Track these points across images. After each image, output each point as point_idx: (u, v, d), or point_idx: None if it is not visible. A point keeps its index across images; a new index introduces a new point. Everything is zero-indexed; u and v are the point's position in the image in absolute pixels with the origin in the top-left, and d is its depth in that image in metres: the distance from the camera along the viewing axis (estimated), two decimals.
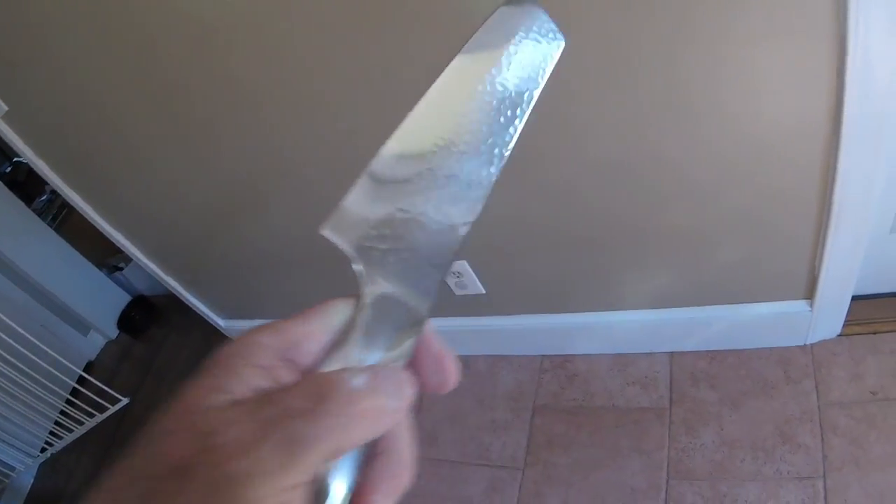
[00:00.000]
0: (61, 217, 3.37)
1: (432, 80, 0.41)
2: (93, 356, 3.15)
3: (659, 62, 1.24)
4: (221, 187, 1.90)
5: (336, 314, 0.37)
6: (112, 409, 2.71)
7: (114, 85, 1.63)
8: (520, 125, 0.41)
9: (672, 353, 1.96)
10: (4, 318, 2.30)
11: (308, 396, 0.30)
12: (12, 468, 2.65)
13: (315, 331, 0.36)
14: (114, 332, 3.23)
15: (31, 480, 2.80)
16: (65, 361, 2.56)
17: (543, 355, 2.12)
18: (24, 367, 2.42)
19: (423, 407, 2.12)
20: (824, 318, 1.73)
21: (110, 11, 1.46)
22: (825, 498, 1.58)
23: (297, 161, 1.71)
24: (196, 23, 1.42)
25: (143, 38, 1.49)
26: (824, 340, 1.81)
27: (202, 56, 1.49)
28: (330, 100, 1.51)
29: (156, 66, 1.55)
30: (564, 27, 0.41)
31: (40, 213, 3.26)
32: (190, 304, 2.49)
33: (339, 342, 0.36)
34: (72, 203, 2.08)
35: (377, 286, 0.37)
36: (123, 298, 3.26)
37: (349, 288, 0.38)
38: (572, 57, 1.25)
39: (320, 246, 0.39)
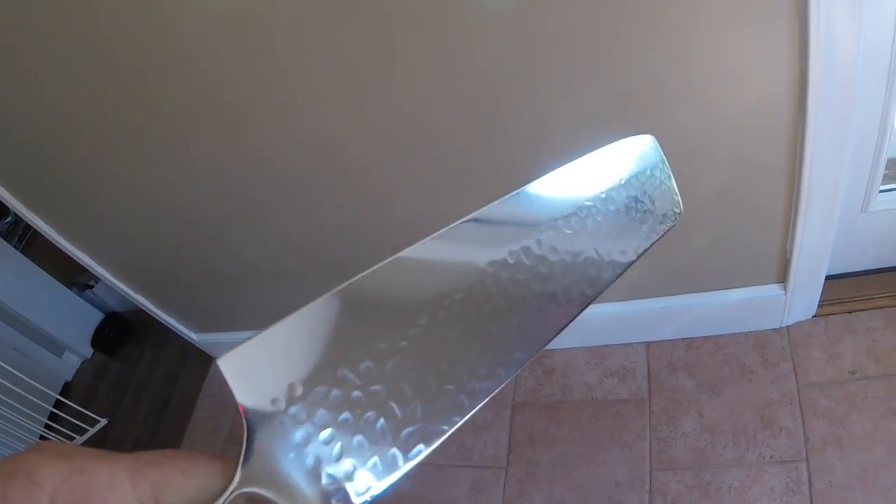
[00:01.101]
0: (27, 238, 3.33)
1: (420, 82, 0.38)
2: (69, 377, 3.10)
3: (627, 52, 1.23)
4: (191, 200, 1.87)
5: (181, 487, 0.28)
6: (92, 431, 2.66)
7: (75, 97, 1.59)
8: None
9: (648, 343, 1.95)
10: None
11: None
12: None
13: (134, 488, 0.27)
14: (88, 352, 3.18)
15: None
16: (40, 386, 2.51)
17: None
18: (0, 395, 2.38)
19: None
20: (799, 299, 1.72)
21: (70, 20, 1.41)
22: (809, 480, 1.58)
23: (272, 173, 1.68)
24: (162, 26, 1.38)
25: (106, 46, 1.45)
26: (800, 322, 1.81)
27: (170, 64, 1.45)
28: (309, 111, 1.49)
29: (121, 77, 1.51)
30: (529, 20, 0.39)
31: (5, 236, 3.22)
32: (161, 320, 2.46)
33: None
34: (33, 225, 2.04)
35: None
36: (96, 316, 3.21)
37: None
38: (540, 48, 1.24)
39: (294, 257, 0.36)
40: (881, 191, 1.59)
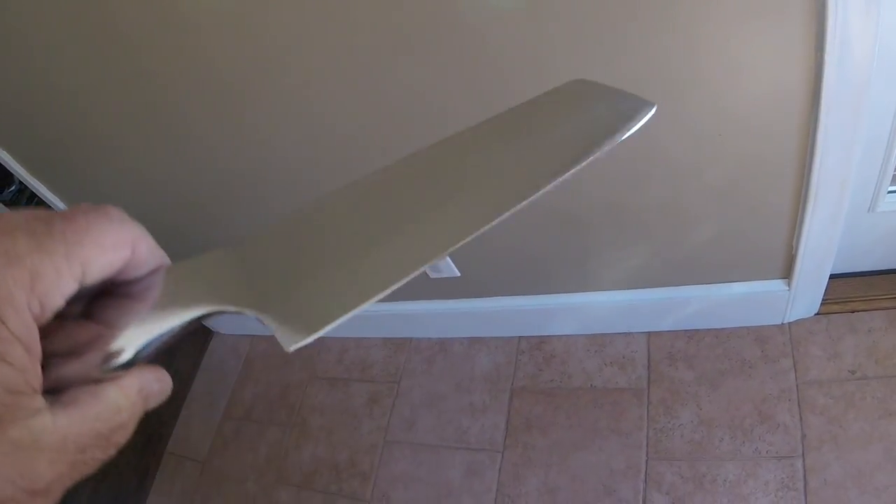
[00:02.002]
0: (32, 207, 3.32)
1: (417, 67, 0.40)
2: None
3: (641, 38, 1.22)
4: (197, 178, 1.87)
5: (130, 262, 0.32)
6: None
7: (83, 72, 1.59)
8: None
9: (649, 333, 1.95)
10: None
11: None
12: None
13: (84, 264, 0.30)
14: None
15: None
16: None
17: (520, 337, 2.11)
18: None
19: None
20: (802, 297, 1.72)
21: None
22: (804, 477, 1.58)
23: (276, 150, 1.68)
24: (170, 6, 1.38)
25: (112, 23, 1.45)
26: (802, 319, 1.81)
27: (175, 41, 1.45)
28: (312, 88, 1.48)
29: (128, 52, 1.50)
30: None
31: (9, 205, 3.21)
32: None
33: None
34: (39, 195, 2.04)
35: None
36: None
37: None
38: (548, 33, 1.23)
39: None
40: (889, 192, 1.59)
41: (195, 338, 2.74)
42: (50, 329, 0.29)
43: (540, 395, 1.96)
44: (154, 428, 2.53)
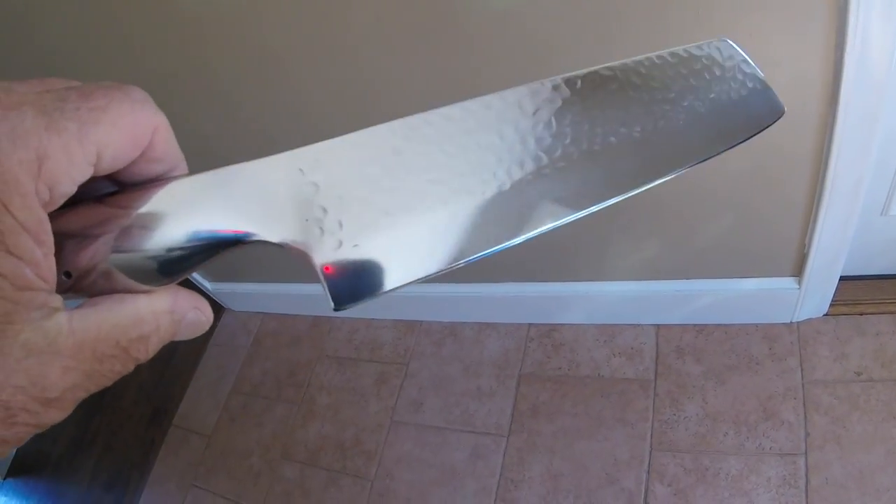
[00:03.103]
0: None
1: (419, 62, 0.37)
2: None
3: (665, 28, 1.23)
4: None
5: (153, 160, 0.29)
6: None
7: (82, 55, 1.61)
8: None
9: (658, 326, 1.96)
10: None
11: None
12: None
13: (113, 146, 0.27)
14: None
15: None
16: None
17: (530, 324, 2.13)
18: None
19: None
20: (811, 296, 1.73)
21: None
22: (806, 475, 1.59)
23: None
24: None
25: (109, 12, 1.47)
26: (810, 319, 1.82)
27: (175, 35, 1.47)
28: (309, 81, 1.50)
29: (127, 44, 1.52)
30: None
31: None
32: None
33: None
34: None
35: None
36: None
37: None
38: (562, 11, 1.24)
39: None
40: None
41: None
42: (59, 213, 0.27)
43: (547, 382, 1.98)
44: (161, 402, 2.55)
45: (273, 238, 0.29)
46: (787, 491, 1.59)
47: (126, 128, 0.27)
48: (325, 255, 0.29)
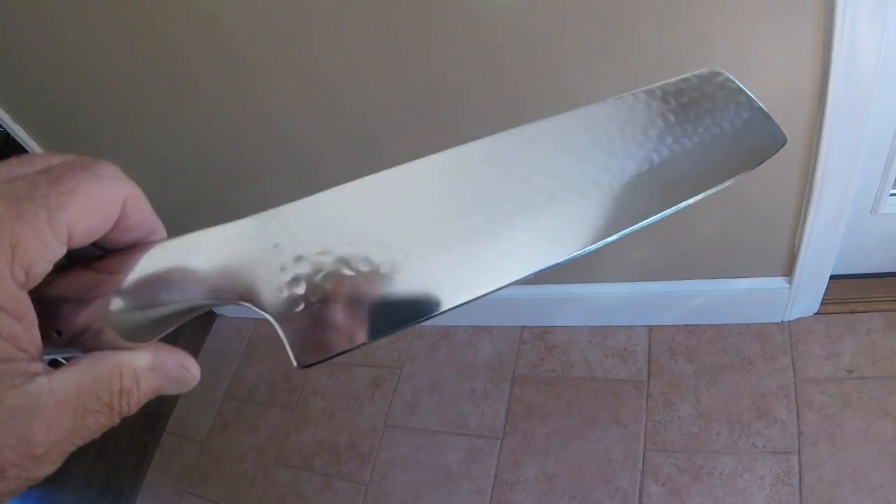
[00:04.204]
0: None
1: (430, 48, 0.37)
2: None
3: (651, 30, 1.24)
4: (208, 155, 1.89)
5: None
6: None
7: (99, 45, 1.61)
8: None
9: (651, 327, 1.97)
10: None
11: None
12: None
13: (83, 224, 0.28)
14: None
15: None
16: None
17: (524, 326, 2.13)
18: None
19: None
20: (802, 295, 1.74)
21: None
22: (799, 472, 1.60)
23: (288, 129, 1.69)
24: None
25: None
26: (802, 318, 1.83)
27: (191, 16, 1.47)
28: (325, 67, 1.50)
29: (146, 26, 1.52)
30: None
31: None
32: None
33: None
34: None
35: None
36: None
37: None
38: (566, 18, 1.25)
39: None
40: (891, 194, 1.61)
41: (198, 319, 2.75)
42: (52, 279, 0.29)
43: (541, 384, 1.98)
44: (154, 407, 2.54)
45: (250, 303, 0.32)
46: (780, 489, 1.59)
47: (94, 206, 0.29)
48: (292, 319, 0.32)
